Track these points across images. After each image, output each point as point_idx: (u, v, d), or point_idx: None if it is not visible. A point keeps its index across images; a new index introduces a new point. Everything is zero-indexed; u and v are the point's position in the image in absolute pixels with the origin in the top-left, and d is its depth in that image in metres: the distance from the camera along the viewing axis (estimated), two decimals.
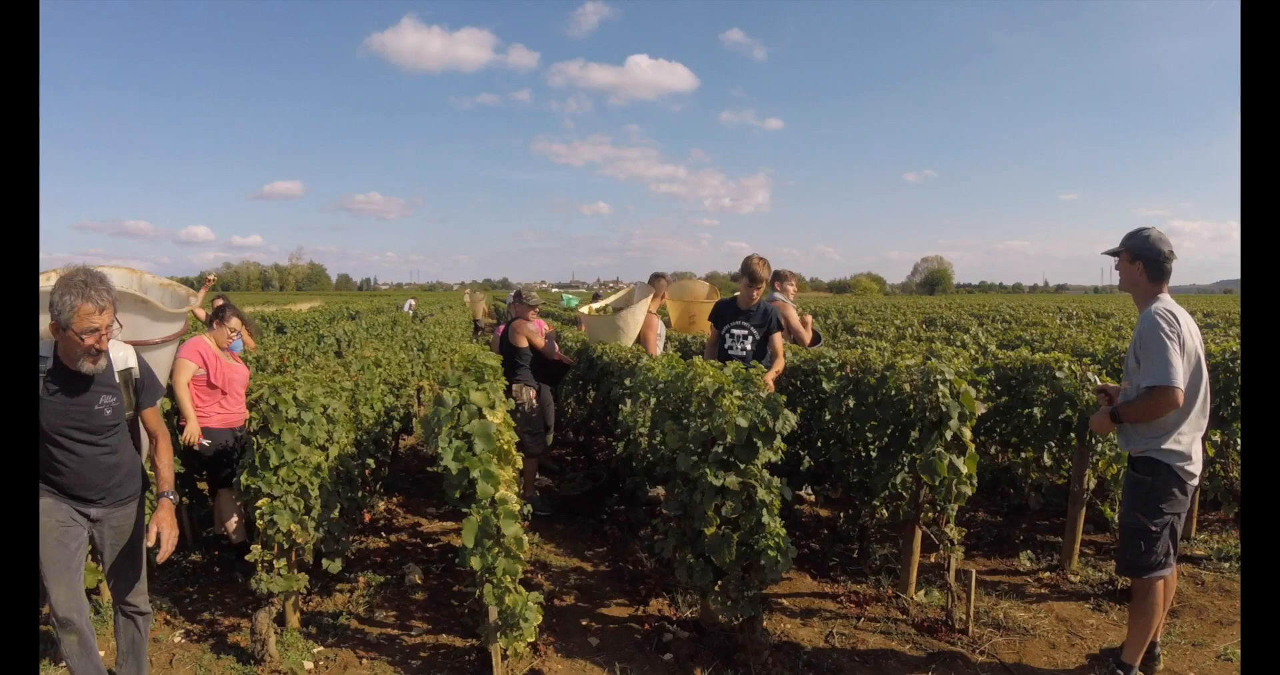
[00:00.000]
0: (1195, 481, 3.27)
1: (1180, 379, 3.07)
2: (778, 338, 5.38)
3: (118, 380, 2.98)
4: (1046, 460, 5.17)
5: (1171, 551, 3.29)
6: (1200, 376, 3.24)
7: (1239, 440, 5.02)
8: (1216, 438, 5.20)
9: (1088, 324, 15.20)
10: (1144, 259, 3.27)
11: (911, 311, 22.95)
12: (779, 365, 5.31)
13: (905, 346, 6.35)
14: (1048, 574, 4.70)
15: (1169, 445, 3.19)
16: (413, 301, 32.46)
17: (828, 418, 5.02)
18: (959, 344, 9.10)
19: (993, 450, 5.81)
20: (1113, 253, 3.39)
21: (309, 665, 3.69)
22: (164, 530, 2.97)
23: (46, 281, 3.11)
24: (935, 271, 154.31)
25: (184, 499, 5.26)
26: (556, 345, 6.55)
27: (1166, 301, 3.24)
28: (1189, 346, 3.16)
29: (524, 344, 6.25)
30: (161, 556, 2.95)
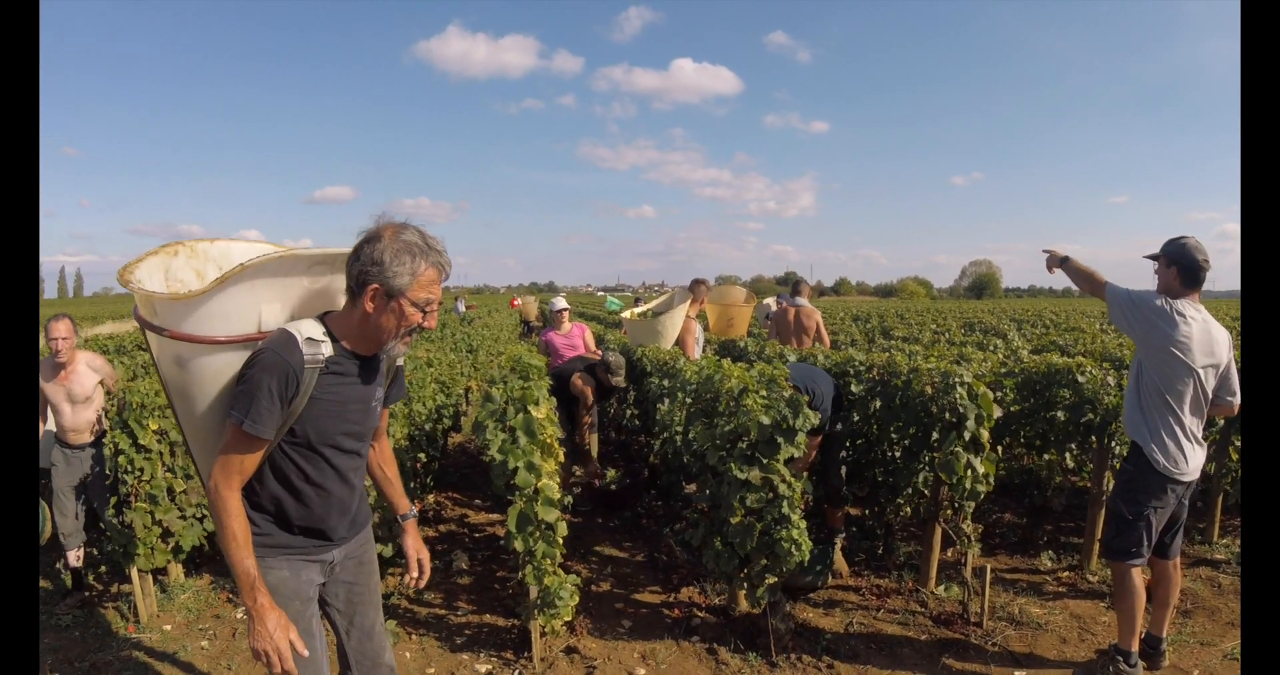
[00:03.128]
0: (1184, 479, 3.41)
1: (1116, 297, 3.47)
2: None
3: (384, 368, 2.29)
4: (1069, 462, 5.32)
5: (1146, 543, 3.46)
6: (1192, 379, 3.35)
7: None
8: (1239, 443, 5.29)
9: None
10: (1179, 265, 3.42)
11: (952, 316, 22.85)
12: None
13: (938, 350, 6.52)
14: (1067, 573, 4.84)
15: (1154, 440, 3.38)
16: (463, 301, 31.87)
17: (856, 419, 5.22)
18: (991, 349, 9.20)
19: (1018, 452, 5.95)
20: (1153, 257, 3.56)
21: None
22: (424, 556, 2.54)
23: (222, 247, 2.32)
24: (983, 275, 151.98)
25: None
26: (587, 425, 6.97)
27: (1184, 304, 3.38)
28: (1181, 342, 3.29)
29: (574, 390, 6.69)
30: (422, 582, 2.54)
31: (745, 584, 3.70)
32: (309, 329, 2.05)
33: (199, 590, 4.73)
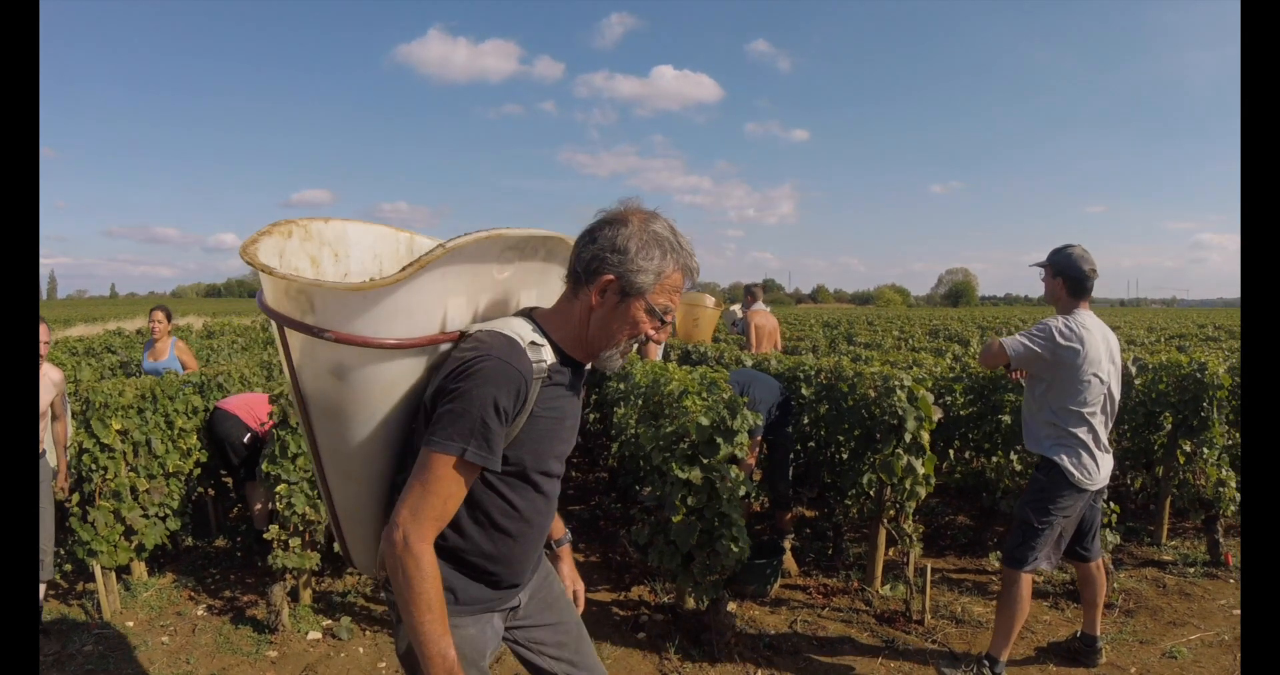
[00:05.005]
0: (1093, 487, 3.43)
1: (1015, 345, 3.39)
2: None
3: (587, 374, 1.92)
4: (1016, 465, 5.46)
5: (1052, 554, 3.49)
6: (1102, 390, 3.40)
7: (1205, 450, 5.24)
8: (1187, 447, 5.45)
9: None
10: (1065, 276, 3.42)
11: (921, 323, 23.14)
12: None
13: (893, 355, 6.67)
14: None
15: (1068, 454, 3.38)
16: None
17: (806, 422, 5.35)
18: (949, 354, 9.36)
19: (968, 455, 6.10)
20: (1040, 265, 3.55)
21: (316, 635, 4.09)
22: (579, 587, 2.24)
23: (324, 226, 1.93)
24: (959, 283, 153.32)
25: (210, 491, 5.72)
26: None
27: (1080, 316, 3.40)
28: (1091, 356, 3.32)
29: None
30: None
31: (690, 582, 3.81)
32: (523, 330, 1.68)
33: (162, 588, 4.78)
